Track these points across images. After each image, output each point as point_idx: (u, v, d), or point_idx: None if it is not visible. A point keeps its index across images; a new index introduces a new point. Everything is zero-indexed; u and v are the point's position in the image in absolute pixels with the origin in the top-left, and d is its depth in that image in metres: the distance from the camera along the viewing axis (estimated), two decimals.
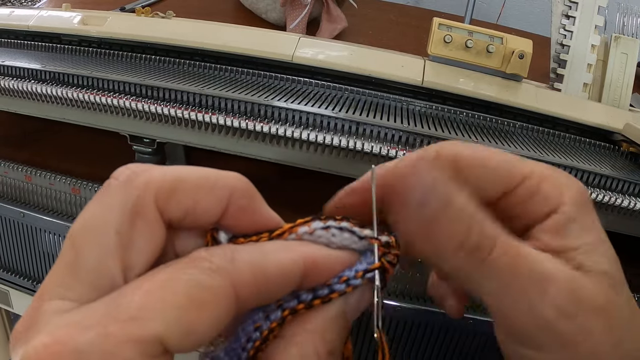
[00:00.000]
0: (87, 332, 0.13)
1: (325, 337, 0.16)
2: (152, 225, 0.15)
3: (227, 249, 0.16)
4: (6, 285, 0.52)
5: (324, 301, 0.17)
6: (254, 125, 0.40)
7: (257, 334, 0.16)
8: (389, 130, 0.40)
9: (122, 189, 0.15)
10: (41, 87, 0.44)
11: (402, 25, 0.90)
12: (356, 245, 0.18)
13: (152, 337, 0.13)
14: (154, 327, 0.13)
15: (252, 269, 0.15)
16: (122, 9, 0.72)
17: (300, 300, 0.17)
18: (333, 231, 0.18)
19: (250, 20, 0.83)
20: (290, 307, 0.16)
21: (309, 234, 0.17)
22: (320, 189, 0.52)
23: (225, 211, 0.16)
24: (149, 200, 0.15)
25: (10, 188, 0.49)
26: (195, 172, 0.17)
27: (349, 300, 0.17)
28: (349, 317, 0.17)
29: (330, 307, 0.17)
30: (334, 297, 0.17)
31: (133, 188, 0.15)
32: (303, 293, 0.17)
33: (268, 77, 0.49)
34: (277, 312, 0.16)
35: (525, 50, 0.47)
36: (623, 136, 0.47)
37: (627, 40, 0.52)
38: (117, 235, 0.15)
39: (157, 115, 0.42)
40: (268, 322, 0.16)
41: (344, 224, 0.18)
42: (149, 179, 0.15)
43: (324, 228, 0.17)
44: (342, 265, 0.17)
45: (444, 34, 0.48)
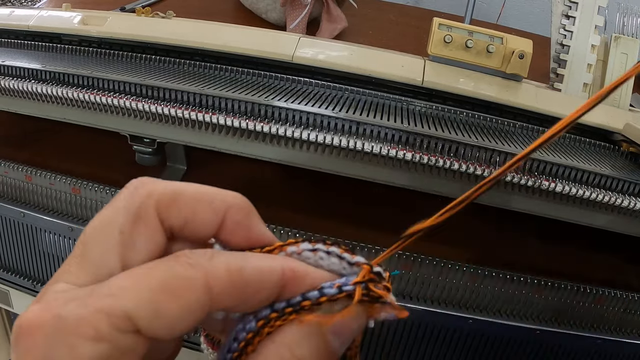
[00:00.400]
0: (70, 302, 0.15)
1: (294, 351, 0.16)
2: (152, 230, 0.17)
3: (209, 250, 0.17)
4: (6, 285, 0.52)
5: (297, 310, 0.17)
6: (254, 125, 0.40)
7: (235, 345, 0.16)
8: (389, 130, 0.40)
9: (128, 195, 0.17)
10: (41, 87, 0.44)
11: (402, 25, 0.90)
12: (345, 271, 0.18)
13: (121, 312, 0.14)
14: (125, 303, 0.14)
15: (228, 267, 0.16)
16: (122, 9, 0.72)
17: (274, 309, 0.17)
18: (321, 254, 0.18)
19: (250, 20, 0.83)
20: (264, 317, 0.17)
21: (297, 254, 0.18)
22: (320, 189, 0.53)
23: (222, 225, 0.18)
24: (151, 207, 0.17)
25: (11, 188, 0.49)
26: (196, 186, 0.18)
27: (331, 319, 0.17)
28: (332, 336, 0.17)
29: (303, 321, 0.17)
30: (306, 304, 0.17)
31: (138, 195, 0.17)
32: (277, 303, 0.17)
33: (268, 77, 0.49)
34: (252, 323, 0.17)
35: (525, 50, 0.47)
36: (623, 136, 0.47)
37: (627, 40, 0.52)
38: (120, 235, 0.16)
39: (158, 115, 0.42)
40: (244, 332, 0.17)
41: (332, 248, 0.18)
42: (152, 189, 0.17)
43: (312, 250, 0.18)
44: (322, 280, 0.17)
45: (444, 34, 0.48)
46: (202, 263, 0.16)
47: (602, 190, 0.40)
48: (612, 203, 0.40)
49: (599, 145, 0.49)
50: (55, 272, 0.17)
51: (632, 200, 0.40)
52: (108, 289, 0.15)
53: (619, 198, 0.40)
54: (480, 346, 0.42)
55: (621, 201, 0.39)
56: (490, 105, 0.48)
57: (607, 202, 0.40)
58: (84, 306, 0.14)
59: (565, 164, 0.40)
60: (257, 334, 0.16)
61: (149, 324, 0.15)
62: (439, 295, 0.42)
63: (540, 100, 0.49)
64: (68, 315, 0.14)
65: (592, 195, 0.39)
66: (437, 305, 0.41)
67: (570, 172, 0.40)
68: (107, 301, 0.14)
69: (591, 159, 0.44)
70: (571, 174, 0.41)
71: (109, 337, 0.14)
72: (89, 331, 0.14)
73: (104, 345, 0.14)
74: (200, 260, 0.16)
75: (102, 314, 0.14)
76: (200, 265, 0.16)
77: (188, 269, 0.15)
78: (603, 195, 0.39)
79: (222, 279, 0.16)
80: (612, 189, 0.41)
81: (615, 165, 0.44)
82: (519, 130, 0.48)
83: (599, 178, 0.41)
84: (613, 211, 0.41)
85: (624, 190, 0.41)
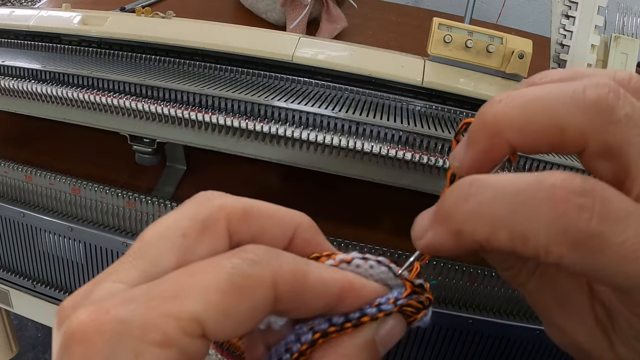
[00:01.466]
0: (130, 304, 0.13)
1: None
2: (218, 240, 0.16)
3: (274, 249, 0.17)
4: (6, 285, 0.52)
5: (355, 325, 0.17)
6: (254, 125, 0.40)
7: (287, 356, 0.16)
8: (389, 130, 0.40)
9: (198, 204, 0.17)
10: (41, 87, 0.44)
11: (402, 25, 0.90)
12: (392, 282, 0.18)
13: (191, 315, 0.13)
14: (194, 305, 0.13)
15: (294, 269, 0.16)
16: (122, 9, 0.72)
17: (332, 323, 0.17)
18: (371, 263, 0.18)
19: (250, 20, 0.83)
20: (321, 330, 0.17)
21: (347, 263, 0.18)
22: (320, 189, 0.53)
23: (291, 242, 0.18)
24: (221, 220, 0.17)
25: (11, 188, 0.49)
26: (265, 204, 0.18)
27: (380, 330, 0.17)
28: (380, 347, 0.18)
29: (361, 334, 0.17)
30: (365, 320, 0.17)
31: (208, 206, 0.17)
32: (335, 317, 0.17)
33: (268, 77, 0.49)
34: (307, 335, 0.17)
35: (525, 50, 0.47)
36: None
37: (627, 40, 0.52)
38: (183, 238, 0.16)
39: (157, 115, 0.42)
40: (299, 344, 0.17)
41: (381, 258, 0.18)
42: (223, 202, 0.17)
43: (362, 259, 0.18)
44: (377, 294, 0.18)
45: (444, 34, 0.48)
46: (269, 261, 0.15)
47: None
48: None
49: None
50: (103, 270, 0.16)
51: None
52: (170, 289, 0.14)
53: None
54: (480, 346, 0.42)
55: None
56: None
57: None
58: (148, 308, 0.13)
59: (565, 164, 0.40)
60: (312, 345, 0.17)
61: (217, 328, 0.14)
62: (439, 295, 0.42)
63: None
64: (132, 319, 0.13)
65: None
66: (436, 305, 0.41)
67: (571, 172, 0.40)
68: (173, 304, 0.14)
69: None
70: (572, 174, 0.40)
71: (177, 343, 0.13)
72: (157, 336, 0.13)
73: (172, 352, 0.13)
74: (267, 257, 0.15)
75: (171, 317, 0.13)
76: (267, 263, 0.15)
77: (255, 267, 0.15)
78: None
79: (287, 281, 0.15)
80: None
81: None
82: None
83: None
84: None
85: None
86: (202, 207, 0.17)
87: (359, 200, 0.53)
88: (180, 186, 0.53)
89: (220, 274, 0.14)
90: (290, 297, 0.15)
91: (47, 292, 0.50)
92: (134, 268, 0.15)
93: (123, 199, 0.46)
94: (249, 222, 0.17)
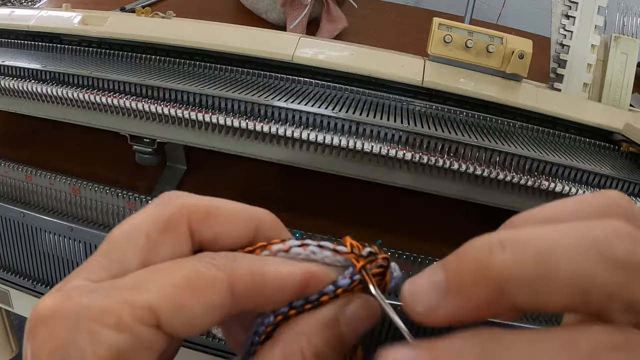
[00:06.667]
0: (92, 293, 0.15)
1: (311, 339, 0.17)
2: (179, 240, 0.17)
3: (232, 253, 0.17)
4: (6, 285, 0.52)
5: (315, 306, 0.17)
6: (254, 125, 0.40)
7: (256, 339, 0.17)
8: (389, 130, 0.40)
9: (160, 205, 0.18)
10: (42, 87, 0.44)
11: (402, 25, 0.90)
12: (339, 263, 0.18)
13: (145, 304, 0.15)
14: (149, 296, 0.15)
15: (250, 270, 0.16)
16: (122, 9, 0.72)
17: (292, 306, 0.17)
18: (312, 248, 0.18)
19: (250, 20, 0.83)
20: (282, 313, 0.17)
21: (284, 252, 0.18)
22: (320, 189, 0.53)
23: (254, 239, 0.19)
24: (182, 219, 0.17)
25: (11, 188, 0.49)
26: (227, 203, 0.19)
27: (346, 310, 0.18)
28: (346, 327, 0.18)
29: (320, 312, 0.18)
30: (325, 299, 0.17)
31: (171, 206, 0.18)
32: (296, 301, 0.18)
33: (268, 77, 0.49)
34: (270, 318, 0.17)
35: (525, 50, 0.47)
36: (623, 136, 0.47)
37: (627, 40, 0.52)
38: (146, 238, 0.17)
39: (157, 115, 0.42)
40: (263, 327, 0.17)
41: (324, 242, 0.18)
42: (185, 202, 0.18)
43: (301, 246, 0.18)
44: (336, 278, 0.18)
45: (444, 34, 0.48)
46: (226, 264, 0.16)
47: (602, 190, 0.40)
48: None
49: (599, 145, 0.49)
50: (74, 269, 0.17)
51: (632, 200, 0.40)
52: (132, 282, 0.15)
53: None
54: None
55: None
56: (490, 105, 0.48)
57: None
58: (107, 296, 0.15)
59: (565, 163, 0.40)
60: (275, 327, 0.17)
61: (170, 319, 0.15)
62: None
63: (540, 100, 0.49)
64: (91, 304, 0.14)
65: None
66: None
67: (570, 172, 0.40)
68: (130, 294, 0.15)
69: (591, 159, 0.44)
70: (571, 174, 0.41)
71: (131, 328, 0.14)
72: (112, 320, 0.14)
73: (126, 336, 0.14)
74: (223, 261, 0.16)
75: (126, 304, 0.14)
76: (224, 266, 0.16)
77: (211, 269, 0.16)
78: None
79: (244, 281, 0.16)
80: (612, 189, 0.41)
81: (615, 165, 0.44)
82: (519, 130, 0.48)
83: (599, 178, 0.41)
84: None
85: (624, 190, 0.41)
86: (165, 208, 0.17)
87: (359, 200, 0.53)
88: (181, 186, 0.53)
89: (177, 272, 0.15)
90: (250, 296, 0.16)
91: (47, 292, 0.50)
92: (101, 268, 0.16)
93: (123, 199, 0.46)
94: (211, 222, 0.18)
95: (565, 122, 0.49)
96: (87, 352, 0.14)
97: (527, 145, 0.44)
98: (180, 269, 0.16)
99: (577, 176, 0.40)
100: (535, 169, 0.40)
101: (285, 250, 0.18)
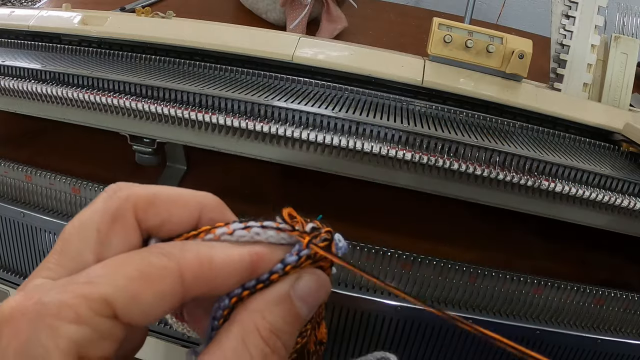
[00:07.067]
0: (51, 290, 0.16)
1: (265, 316, 0.18)
2: (128, 230, 0.18)
3: (179, 242, 0.18)
4: (6, 285, 0.52)
5: (266, 285, 0.18)
6: (254, 125, 0.40)
7: (215, 323, 0.18)
8: (389, 130, 0.40)
9: (107, 198, 0.19)
10: (41, 87, 0.44)
11: (402, 25, 0.90)
12: (284, 241, 0.19)
13: (100, 297, 0.15)
14: (103, 289, 0.15)
15: (198, 256, 0.17)
16: (122, 9, 0.72)
17: (245, 287, 0.18)
18: (256, 230, 0.19)
19: (250, 20, 0.83)
20: (236, 294, 0.18)
21: (229, 234, 0.18)
22: (320, 189, 0.53)
23: (199, 223, 0.19)
24: (128, 210, 0.18)
25: (10, 188, 0.49)
26: (171, 189, 0.20)
27: (296, 286, 0.19)
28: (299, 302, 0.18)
29: (272, 290, 0.18)
30: (275, 278, 0.18)
31: (116, 198, 0.18)
32: (248, 282, 0.18)
33: (268, 77, 0.49)
34: (225, 301, 0.18)
35: (525, 50, 0.47)
36: (623, 136, 0.47)
37: (627, 40, 0.52)
38: (97, 233, 0.18)
39: (157, 115, 0.42)
40: (220, 310, 0.18)
41: (267, 222, 0.19)
42: (130, 192, 0.19)
43: (244, 228, 0.19)
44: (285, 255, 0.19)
45: (444, 34, 0.48)
46: (175, 253, 0.17)
47: (602, 190, 0.40)
48: (612, 203, 0.40)
49: (599, 145, 0.49)
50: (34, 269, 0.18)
51: (632, 200, 0.40)
52: (86, 277, 0.16)
53: (619, 198, 0.39)
54: (480, 346, 0.42)
55: (621, 201, 0.39)
56: (490, 105, 0.48)
57: (607, 202, 0.40)
58: (64, 292, 0.15)
59: (565, 164, 0.40)
60: (232, 310, 0.18)
61: (126, 309, 0.16)
62: (439, 295, 0.42)
63: (540, 100, 0.49)
64: (50, 301, 0.15)
65: (592, 195, 0.39)
66: (436, 305, 0.41)
67: (570, 172, 0.40)
68: (86, 287, 0.16)
69: (591, 159, 0.44)
70: (571, 174, 0.41)
71: (88, 320, 0.15)
72: (70, 314, 0.15)
73: (84, 328, 0.15)
74: (172, 250, 0.17)
75: (82, 298, 0.15)
76: (173, 255, 0.17)
77: (161, 259, 0.17)
78: (603, 195, 0.39)
79: (193, 268, 0.17)
80: (612, 189, 0.41)
81: (615, 165, 0.44)
82: (519, 130, 0.48)
83: (599, 178, 0.41)
84: (613, 211, 0.41)
85: (624, 190, 0.41)
86: (111, 200, 0.18)
87: (359, 199, 0.53)
88: (181, 186, 0.53)
89: (129, 264, 0.16)
90: (201, 281, 0.17)
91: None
92: (58, 265, 0.18)
93: None
94: (156, 209, 0.19)
95: (565, 122, 0.49)
96: (50, 347, 0.15)
97: (527, 145, 0.44)
98: (131, 261, 0.16)
99: (577, 176, 0.41)
100: (535, 169, 0.40)
101: (229, 234, 0.18)
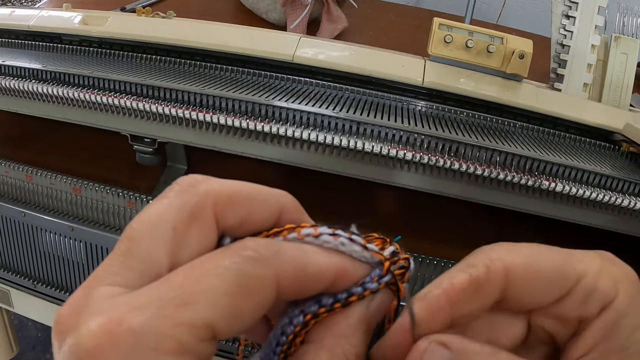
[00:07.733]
0: (142, 313, 0.13)
1: (351, 341, 0.17)
2: (206, 229, 0.16)
3: (273, 242, 0.16)
4: (7, 285, 0.52)
5: (344, 305, 0.17)
6: (255, 125, 0.40)
7: (283, 338, 0.17)
8: (389, 130, 0.40)
9: (184, 192, 0.16)
10: (42, 86, 0.44)
11: (402, 25, 0.90)
12: (364, 259, 0.18)
13: (204, 322, 0.14)
14: (206, 312, 0.14)
15: (294, 265, 0.16)
16: (122, 9, 0.72)
17: (322, 304, 0.17)
18: (342, 240, 0.18)
19: (250, 20, 0.83)
20: (312, 312, 0.17)
21: (314, 237, 0.18)
22: (320, 189, 0.53)
23: (277, 223, 0.18)
24: (208, 206, 0.16)
25: (11, 188, 0.49)
26: (250, 186, 0.17)
27: (370, 307, 0.18)
28: (372, 323, 0.18)
29: (354, 313, 0.17)
30: (353, 300, 0.17)
31: (194, 194, 0.16)
32: (324, 297, 0.17)
33: (269, 77, 0.49)
34: (299, 317, 0.17)
35: (525, 50, 0.47)
36: (623, 136, 0.47)
37: (627, 40, 0.52)
38: (173, 231, 0.15)
39: (158, 115, 0.42)
40: (292, 326, 0.17)
41: (355, 237, 0.18)
42: (209, 187, 0.16)
43: (332, 235, 0.18)
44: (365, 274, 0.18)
45: (444, 34, 0.48)
46: (271, 259, 0.15)
47: (602, 190, 0.40)
48: (612, 203, 0.40)
49: (599, 145, 0.49)
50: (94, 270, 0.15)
51: (632, 200, 0.40)
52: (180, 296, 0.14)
53: (619, 198, 0.40)
54: None
55: (621, 201, 0.39)
56: (491, 105, 0.48)
57: (607, 202, 0.40)
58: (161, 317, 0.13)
59: (565, 163, 0.40)
60: (304, 327, 0.17)
61: (227, 328, 0.14)
62: None
63: (540, 100, 0.49)
64: (146, 331, 0.13)
65: (592, 195, 0.39)
66: None
67: (571, 172, 0.41)
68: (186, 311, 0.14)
69: (591, 159, 0.44)
70: (571, 174, 0.41)
71: (191, 349, 0.13)
72: (172, 345, 0.13)
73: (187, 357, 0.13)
74: (267, 255, 0.15)
75: (185, 326, 0.13)
76: (270, 262, 0.15)
77: (258, 267, 0.15)
78: (603, 195, 0.40)
79: (290, 277, 0.16)
80: (612, 188, 0.41)
81: (615, 165, 0.44)
82: (519, 130, 0.48)
83: (599, 178, 0.41)
84: (613, 211, 0.41)
85: (624, 190, 0.41)
86: (189, 195, 0.16)
87: (360, 199, 0.53)
88: None
89: (225, 277, 0.14)
90: (293, 290, 0.16)
91: (47, 292, 0.50)
92: (127, 269, 0.15)
93: (124, 198, 0.46)
94: (236, 207, 0.17)
95: (565, 122, 0.49)
96: None
97: (527, 145, 0.44)
98: (226, 272, 0.14)
99: (577, 176, 0.41)
100: (535, 168, 0.40)
101: (314, 236, 0.17)
